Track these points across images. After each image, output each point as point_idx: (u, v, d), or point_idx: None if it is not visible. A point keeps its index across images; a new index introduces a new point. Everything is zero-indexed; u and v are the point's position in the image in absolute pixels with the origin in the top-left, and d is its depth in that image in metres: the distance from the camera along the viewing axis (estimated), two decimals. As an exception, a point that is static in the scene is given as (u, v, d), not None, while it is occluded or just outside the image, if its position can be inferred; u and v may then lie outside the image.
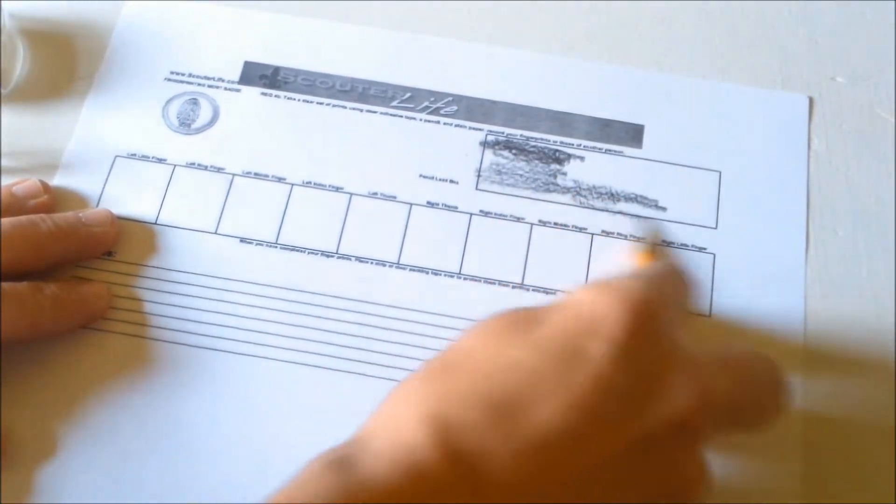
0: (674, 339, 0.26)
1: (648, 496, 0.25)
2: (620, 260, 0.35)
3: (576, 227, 0.36)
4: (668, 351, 0.26)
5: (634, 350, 0.25)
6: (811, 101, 0.39)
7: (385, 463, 0.23)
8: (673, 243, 0.36)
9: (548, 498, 0.23)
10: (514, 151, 0.38)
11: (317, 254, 0.36)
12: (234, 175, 0.37)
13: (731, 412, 0.27)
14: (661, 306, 0.26)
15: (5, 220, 0.33)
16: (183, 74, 0.39)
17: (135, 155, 0.38)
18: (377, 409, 0.26)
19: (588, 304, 0.26)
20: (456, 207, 0.37)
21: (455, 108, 0.39)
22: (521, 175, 0.37)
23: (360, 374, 0.34)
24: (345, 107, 0.39)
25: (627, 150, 0.38)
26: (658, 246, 0.36)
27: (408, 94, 0.39)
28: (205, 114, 0.38)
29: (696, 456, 0.26)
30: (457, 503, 0.23)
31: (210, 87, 0.39)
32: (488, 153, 0.38)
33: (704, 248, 0.36)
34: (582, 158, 0.38)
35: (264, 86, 0.39)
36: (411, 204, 0.37)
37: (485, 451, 0.23)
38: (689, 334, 0.27)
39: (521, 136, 0.38)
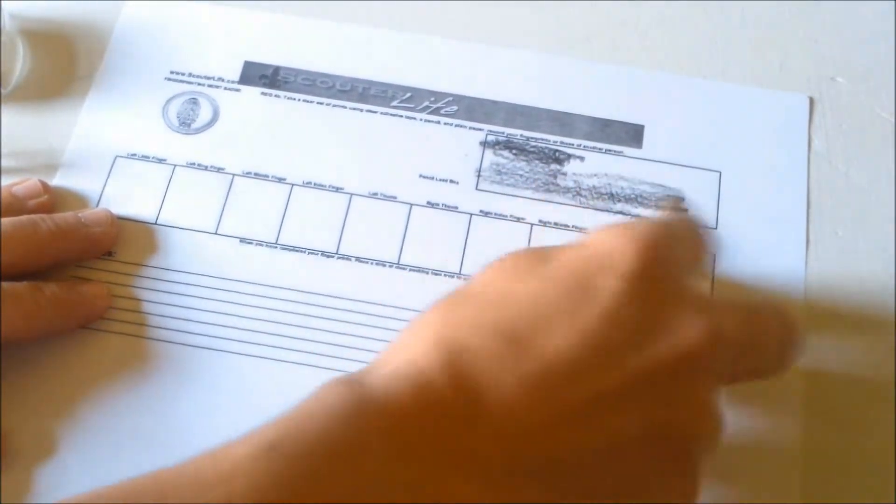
0: (684, 280, 0.27)
1: (654, 428, 0.25)
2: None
3: (576, 228, 0.36)
4: (677, 289, 0.26)
5: (644, 286, 0.25)
6: (811, 101, 0.39)
7: (395, 381, 0.24)
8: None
9: (554, 427, 0.24)
10: (514, 151, 0.38)
11: (317, 254, 0.36)
12: (234, 175, 0.37)
13: (741, 354, 0.27)
14: (673, 249, 0.27)
15: (5, 220, 0.33)
16: (183, 74, 0.39)
17: (135, 155, 0.38)
18: (394, 339, 0.27)
19: (601, 242, 0.27)
20: (456, 207, 0.37)
21: (455, 108, 0.39)
22: (521, 175, 0.37)
23: (359, 374, 0.34)
24: (345, 107, 0.39)
25: (627, 150, 0.38)
26: (679, 207, 0.36)
27: (408, 94, 0.39)
28: (205, 114, 0.38)
29: (703, 391, 0.26)
30: (459, 423, 0.23)
31: (210, 86, 0.39)
32: (488, 153, 0.38)
33: (704, 248, 0.36)
34: (582, 158, 0.38)
35: (264, 86, 0.39)
36: (411, 204, 0.37)
37: (491, 376, 0.24)
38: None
39: (521, 136, 0.38)
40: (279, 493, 0.21)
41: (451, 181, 0.37)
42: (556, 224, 0.36)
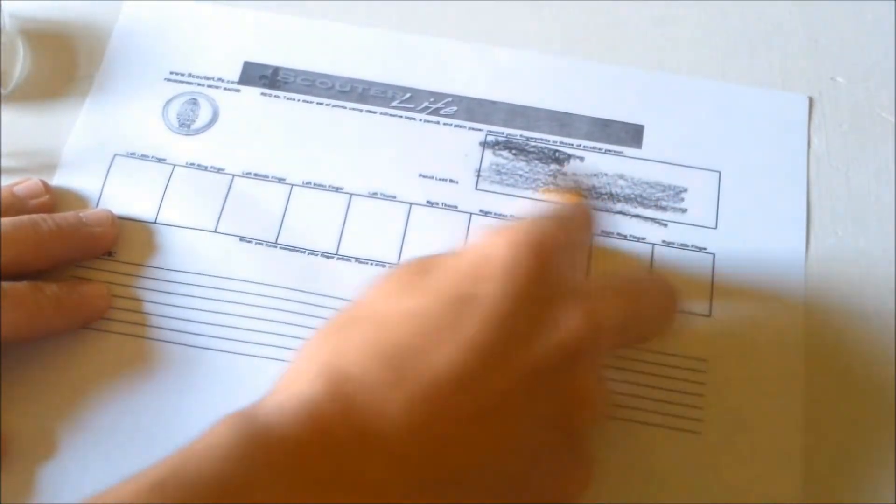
0: (562, 273, 0.27)
1: (547, 421, 0.25)
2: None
3: (576, 227, 0.36)
4: (555, 284, 0.27)
5: (521, 286, 0.26)
6: (811, 101, 0.39)
7: (285, 413, 0.24)
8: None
9: (446, 440, 0.24)
10: (513, 151, 0.38)
11: (317, 254, 0.36)
12: (233, 175, 0.37)
13: (623, 329, 0.28)
14: (550, 243, 0.27)
15: (6, 220, 0.33)
16: (183, 74, 0.39)
17: (134, 155, 0.38)
18: (286, 367, 0.27)
19: (479, 248, 0.27)
20: (456, 207, 0.37)
21: (455, 108, 0.39)
22: (521, 175, 0.37)
23: (359, 374, 0.34)
24: (345, 107, 0.39)
25: (627, 150, 0.38)
26: (574, 189, 0.36)
27: (408, 95, 0.39)
28: (204, 114, 0.38)
29: (586, 377, 0.26)
30: (350, 450, 0.23)
31: (210, 87, 0.39)
32: (488, 153, 0.38)
33: (704, 248, 0.36)
34: (582, 158, 0.38)
35: (264, 86, 0.39)
36: (411, 204, 0.37)
37: (377, 400, 0.24)
38: (593, 270, 0.29)
39: (520, 136, 0.38)
40: None
41: (451, 181, 0.37)
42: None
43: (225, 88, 0.39)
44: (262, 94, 0.39)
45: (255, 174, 0.37)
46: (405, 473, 0.23)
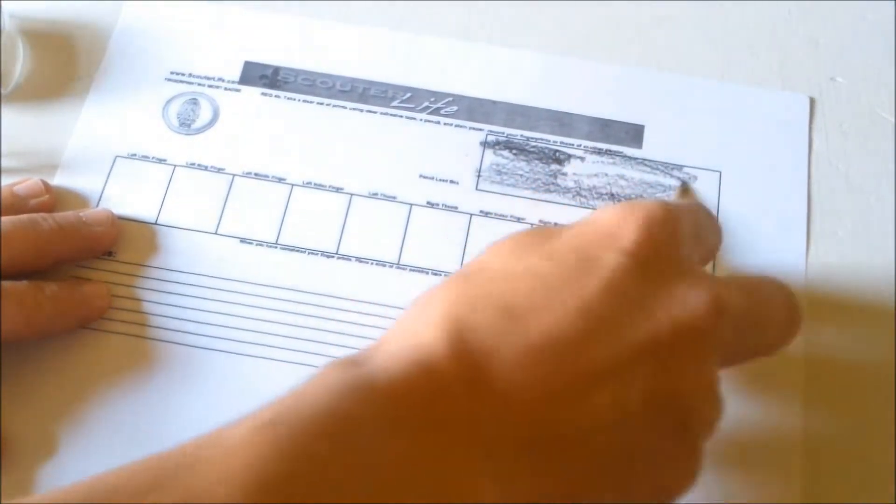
0: (687, 257, 0.27)
1: (655, 400, 0.24)
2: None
3: (576, 227, 0.36)
4: (679, 263, 0.26)
5: (646, 260, 0.25)
6: (811, 101, 0.39)
7: (396, 359, 0.24)
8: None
9: (557, 397, 0.23)
10: (514, 151, 0.38)
11: (317, 254, 0.36)
12: (234, 175, 0.37)
13: (743, 328, 0.27)
14: (677, 225, 0.27)
15: (6, 219, 0.33)
16: (183, 74, 0.39)
17: (135, 155, 0.38)
18: (397, 319, 0.27)
19: (604, 219, 0.27)
20: (456, 207, 0.37)
21: (455, 108, 0.39)
22: (521, 175, 0.37)
23: (360, 374, 0.34)
24: (345, 107, 0.39)
25: (627, 150, 0.38)
26: (689, 190, 0.36)
27: (408, 94, 0.39)
28: (205, 114, 0.38)
29: (705, 366, 0.25)
30: (461, 397, 0.23)
31: (210, 87, 0.39)
32: (488, 153, 0.38)
33: (704, 248, 0.36)
34: (582, 158, 0.38)
35: (264, 86, 0.39)
36: (411, 204, 0.37)
37: (493, 351, 0.24)
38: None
39: (521, 136, 0.38)
40: (277, 469, 0.21)
41: (451, 181, 0.37)
42: (556, 224, 0.36)
43: (225, 88, 0.39)
44: (263, 93, 0.39)
45: (256, 174, 0.37)
46: (514, 429, 0.23)
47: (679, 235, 0.27)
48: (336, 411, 0.22)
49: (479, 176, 0.37)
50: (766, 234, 0.36)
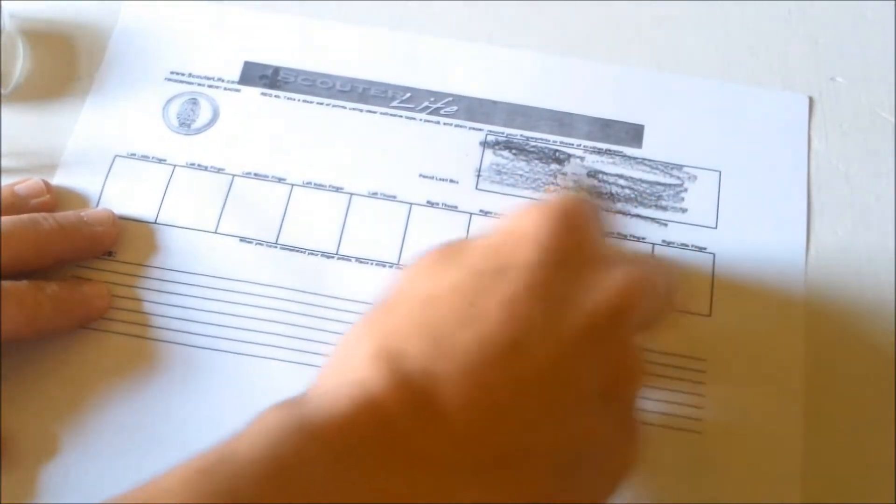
0: (595, 240, 0.27)
1: (598, 390, 0.25)
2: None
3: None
4: (589, 248, 0.27)
5: (556, 252, 0.26)
6: (811, 101, 0.39)
7: (334, 397, 0.23)
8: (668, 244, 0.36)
9: (500, 411, 0.24)
10: (514, 151, 0.38)
11: (317, 254, 0.36)
12: (234, 175, 0.37)
13: (654, 300, 0.28)
14: (579, 211, 0.27)
15: (6, 219, 0.33)
16: (183, 74, 0.39)
17: (134, 155, 0.38)
18: (327, 360, 0.27)
19: (508, 224, 0.27)
20: (456, 207, 0.37)
21: (455, 108, 0.39)
22: (521, 175, 0.37)
23: (360, 373, 0.34)
24: (345, 107, 0.39)
25: (627, 150, 0.38)
26: (575, 188, 0.37)
27: (408, 94, 0.39)
28: (205, 114, 0.39)
29: (630, 339, 0.26)
30: (407, 427, 0.23)
31: (210, 87, 0.39)
32: (488, 153, 0.38)
33: (704, 248, 0.36)
34: (582, 158, 0.38)
35: (264, 86, 0.39)
36: (411, 204, 0.37)
37: (431, 375, 0.24)
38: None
39: (521, 136, 0.38)
40: None
41: (451, 181, 0.37)
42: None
43: (225, 88, 0.39)
44: (263, 93, 0.39)
45: (256, 174, 0.37)
46: (462, 451, 0.23)
47: (580, 219, 0.27)
48: (276, 453, 0.22)
49: (478, 176, 0.37)
50: (766, 234, 0.36)
